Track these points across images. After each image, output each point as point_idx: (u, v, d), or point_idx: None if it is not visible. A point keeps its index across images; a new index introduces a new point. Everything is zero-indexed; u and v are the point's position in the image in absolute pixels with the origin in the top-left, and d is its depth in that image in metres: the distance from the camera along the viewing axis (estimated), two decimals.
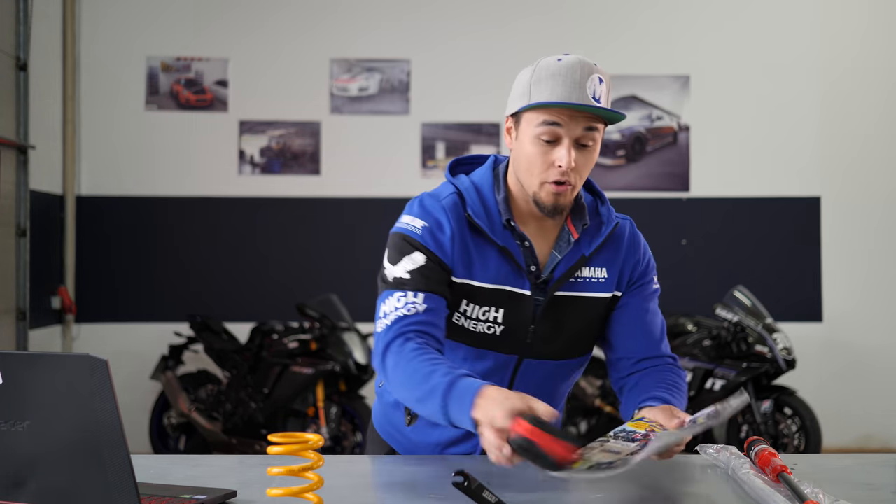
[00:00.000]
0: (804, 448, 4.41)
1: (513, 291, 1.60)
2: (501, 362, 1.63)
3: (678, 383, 1.64)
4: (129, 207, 5.62)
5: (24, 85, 5.03)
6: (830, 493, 1.32)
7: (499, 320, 1.60)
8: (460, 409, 1.38)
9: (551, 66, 1.55)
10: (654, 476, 1.52)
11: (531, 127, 1.55)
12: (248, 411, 4.80)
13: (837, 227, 5.69)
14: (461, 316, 1.61)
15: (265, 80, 5.65)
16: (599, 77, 1.57)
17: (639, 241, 1.74)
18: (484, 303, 1.59)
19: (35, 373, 1.13)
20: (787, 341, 4.57)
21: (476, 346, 1.62)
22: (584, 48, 5.71)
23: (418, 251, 1.57)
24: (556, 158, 1.54)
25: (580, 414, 5.29)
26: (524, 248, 1.62)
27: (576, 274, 1.63)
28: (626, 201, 5.69)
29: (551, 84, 1.53)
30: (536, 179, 1.57)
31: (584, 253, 1.63)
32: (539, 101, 1.53)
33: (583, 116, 1.54)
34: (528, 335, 1.62)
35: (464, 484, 1.18)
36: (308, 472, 1.21)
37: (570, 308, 1.63)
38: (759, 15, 5.74)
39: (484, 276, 1.59)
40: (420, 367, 1.46)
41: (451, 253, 1.58)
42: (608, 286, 1.67)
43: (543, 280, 1.62)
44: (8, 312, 4.92)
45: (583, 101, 1.52)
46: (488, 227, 1.60)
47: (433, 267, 1.56)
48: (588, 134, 1.55)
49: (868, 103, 5.72)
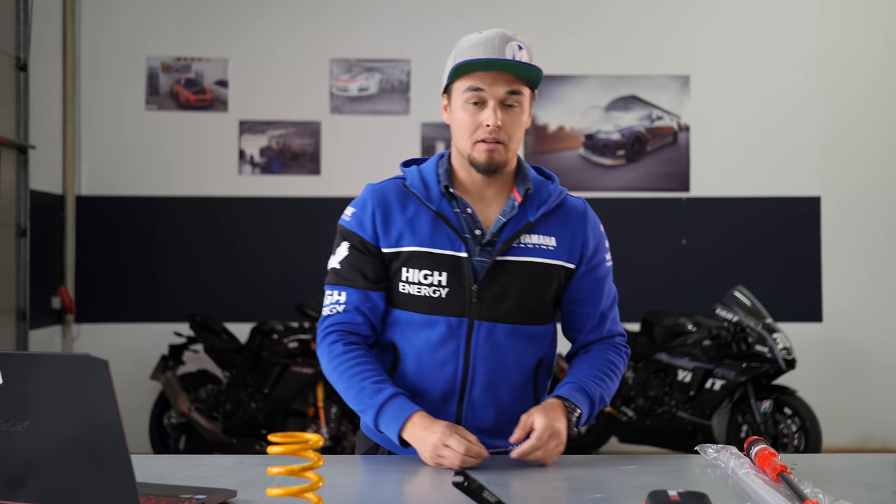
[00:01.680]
0: (804, 448, 4.41)
1: (448, 254, 1.69)
2: (454, 326, 1.69)
3: (611, 368, 1.76)
4: (129, 207, 5.62)
5: (24, 85, 5.03)
6: (830, 493, 1.32)
7: (443, 283, 1.69)
8: (390, 428, 1.61)
9: (472, 38, 1.70)
10: (654, 476, 1.52)
11: (459, 95, 1.70)
12: (248, 411, 4.80)
13: (837, 227, 5.69)
14: (405, 283, 1.71)
15: (265, 80, 5.64)
16: (518, 44, 1.68)
17: (592, 218, 1.83)
18: (422, 266, 1.69)
19: (35, 373, 1.13)
20: (786, 341, 4.57)
21: (426, 311, 1.70)
22: (584, 48, 5.72)
23: (345, 240, 1.75)
24: (483, 119, 1.67)
25: None
26: (466, 215, 1.72)
27: (522, 239, 1.72)
28: (626, 201, 5.69)
29: (472, 52, 1.67)
30: (469, 141, 1.70)
31: (530, 219, 1.73)
32: (460, 61, 1.66)
33: (504, 80, 1.66)
34: (473, 295, 1.69)
35: (464, 484, 1.18)
36: (308, 472, 1.21)
37: (517, 271, 1.70)
38: (758, 15, 5.74)
39: (414, 241, 1.70)
40: (346, 371, 1.68)
41: (371, 229, 1.72)
42: (558, 254, 1.74)
43: (488, 242, 1.71)
44: (8, 312, 4.92)
45: (502, 58, 1.64)
46: (424, 196, 1.72)
47: (356, 253, 1.73)
48: (511, 96, 1.67)
49: (868, 103, 5.72)
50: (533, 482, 1.53)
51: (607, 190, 5.69)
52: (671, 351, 4.87)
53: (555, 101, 5.69)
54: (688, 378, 4.71)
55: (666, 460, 1.70)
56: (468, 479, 1.18)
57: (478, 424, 1.71)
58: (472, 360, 1.70)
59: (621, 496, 1.40)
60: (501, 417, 1.72)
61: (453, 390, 1.71)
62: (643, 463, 1.63)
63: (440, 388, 1.71)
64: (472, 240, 1.71)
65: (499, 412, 1.72)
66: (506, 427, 1.68)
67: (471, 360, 1.70)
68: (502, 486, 1.46)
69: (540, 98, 5.71)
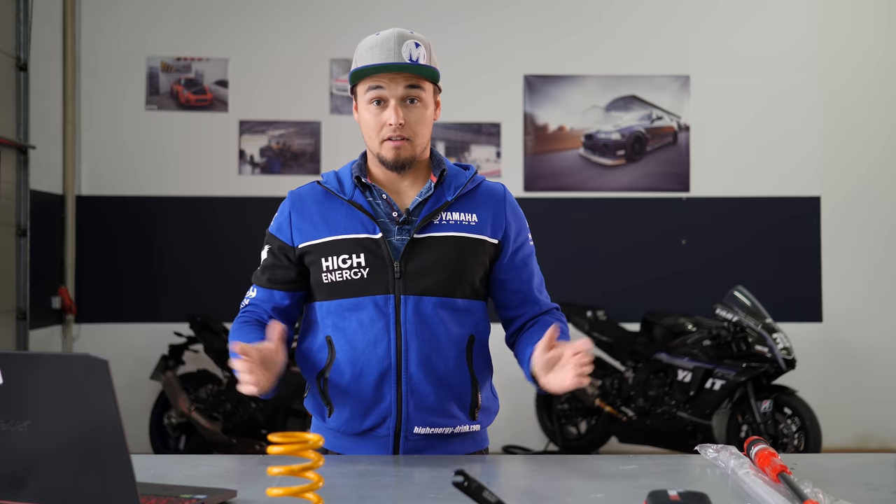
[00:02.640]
0: (804, 448, 4.40)
1: (362, 237, 1.75)
2: (380, 304, 1.74)
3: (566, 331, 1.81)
4: (129, 207, 5.62)
5: (24, 85, 5.03)
6: (830, 493, 1.32)
7: (362, 264, 1.75)
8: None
9: (370, 40, 1.76)
10: (654, 476, 1.52)
11: (362, 95, 1.77)
12: (248, 411, 4.80)
13: (837, 227, 5.69)
14: (327, 273, 1.77)
15: (265, 80, 5.65)
16: (416, 42, 1.74)
17: (511, 201, 1.87)
18: (339, 252, 1.76)
19: (35, 373, 1.13)
20: (786, 341, 4.57)
21: (351, 295, 1.75)
22: (584, 48, 5.72)
23: (267, 244, 1.88)
24: (386, 118, 1.74)
25: (580, 414, 5.30)
26: (381, 201, 1.79)
27: (442, 216, 1.77)
28: (626, 201, 5.69)
29: (369, 55, 1.74)
30: (376, 140, 1.76)
31: (448, 199, 1.78)
32: (357, 67, 1.74)
33: (402, 77, 1.72)
34: (396, 271, 1.74)
35: (464, 484, 1.18)
36: (308, 472, 1.21)
37: (439, 246, 1.76)
38: (758, 15, 5.74)
39: (328, 232, 1.78)
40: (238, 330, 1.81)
41: (288, 230, 1.83)
42: (480, 229, 1.79)
43: (405, 220, 1.77)
44: (8, 312, 4.92)
45: (397, 62, 1.71)
46: (337, 189, 1.80)
47: (271, 258, 1.86)
48: (411, 91, 1.73)
49: (868, 103, 5.72)
50: (533, 482, 1.54)
51: (607, 190, 5.69)
52: (671, 351, 4.87)
53: (555, 101, 5.69)
54: (688, 378, 4.71)
55: (666, 460, 1.70)
56: (468, 479, 1.18)
57: (419, 403, 1.74)
58: (403, 335, 1.73)
59: (621, 496, 1.40)
60: (441, 394, 1.75)
61: (389, 367, 1.74)
62: (643, 463, 1.63)
63: (377, 367, 1.74)
64: (390, 222, 1.77)
65: (438, 388, 1.75)
66: (448, 405, 1.74)
67: (402, 335, 1.73)
68: (502, 486, 1.46)
69: (540, 98, 5.73)
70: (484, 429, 1.85)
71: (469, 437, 1.81)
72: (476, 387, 1.78)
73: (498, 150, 5.66)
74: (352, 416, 1.76)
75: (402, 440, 1.75)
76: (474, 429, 1.80)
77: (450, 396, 1.75)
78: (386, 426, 1.75)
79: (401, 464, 1.64)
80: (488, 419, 1.84)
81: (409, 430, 1.74)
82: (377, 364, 1.74)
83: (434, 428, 1.74)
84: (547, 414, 5.35)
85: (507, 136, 5.68)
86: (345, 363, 1.76)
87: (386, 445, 1.76)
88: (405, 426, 1.74)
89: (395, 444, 1.75)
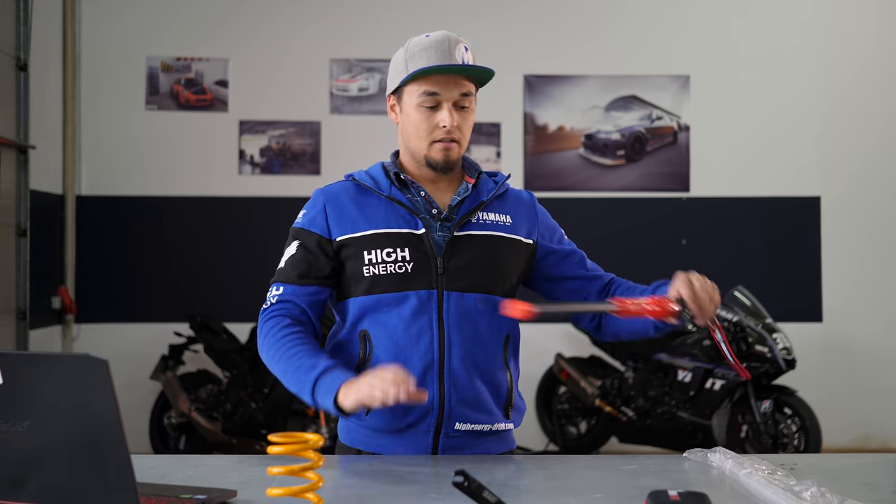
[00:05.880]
0: (804, 448, 4.41)
1: (405, 232, 1.76)
2: (424, 299, 1.74)
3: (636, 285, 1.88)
4: (129, 207, 5.62)
5: (24, 85, 5.03)
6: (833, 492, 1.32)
7: (406, 258, 1.74)
8: (326, 399, 1.60)
9: (422, 41, 1.77)
10: (654, 476, 1.52)
11: (413, 98, 1.77)
12: (248, 411, 4.80)
13: (837, 227, 5.69)
14: (369, 265, 1.75)
15: (265, 80, 5.64)
16: (465, 46, 1.78)
17: (540, 206, 1.94)
18: (383, 246, 1.75)
19: (35, 373, 1.13)
20: (786, 341, 4.57)
21: (394, 289, 1.74)
22: (584, 48, 5.72)
23: (296, 239, 1.81)
24: (440, 120, 1.76)
25: (580, 414, 5.30)
26: (419, 198, 1.80)
27: (479, 216, 1.81)
28: (626, 201, 5.69)
29: (426, 56, 1.75)
30: (425, 141, 1.78)
31: (483, 199, 1.83)
32: (419, 69, 1.73)
33: (457, 83, 1.76)
34: (439, 267, 1.75)
35: (464, 484, 1.18)
36: (308, 472, 1.21)
37: (478, 243, 1.78)
38: (758, 15, 5.74)
39: (370, 226, 1.76)
40: (280, 349, 1.70)
41: (323, 223, 1.79)
42: (515, 230, 1.84)
43: (446, 217, 1.79)
44: (8, 312, 4.92)
45: (462, 63, 1.74)
46: (374, 186, 1.81)
47: (303, 252, 1.79)
48: (464, 98, 1.77)
49: (868, 103, 5.72)
50: (533, 482, 1.54)
51: (607, 190, 5.69)
52: (671, 351, 4.87)
53: (555, 101, 5.69)
54: (688, 378, 4.71)
55: (666, 460, 1.70)
56: (468, 479, 1.18)
57: (461, 397, 1.73)
58: (446, 330, 1.73)
59: (621, 496, 1.40)
60: (482, 390, 1.75)
61: (432, 361, 1.72)
62: (643, 463, 1.63)
63: (419, 362, 1.72)
64: (430, 218, 1.78)
65: (479, 384, 1.74)
66: (487, 401, 1.74)
67: (445, 330, 1.73)
68: (502, 486, 1.46)
69: (540, 98, 5.73)
70: (513, 429, 1.85)
71: (502, 437, 1.81)
72: (511, 385, 1.79)
73: (498, 150, 5.66)
74: (393, 411, 1.71)
75: (443, 436, 1.73)
76: (508, 426, 1.81)
77: (489, 393, 1.75)
78: (427, 422, 1.72)
79: (401, 464, 1.64)
80: (519, 419, 1.84)
81: (450, 427, 1.72)
82: (420, 358, 1.72)
83: (474, 424, 1.73)
84: (547, 414, 5.35)
85: (507, 135, 5.68)
86: (385, 358, 1.73)
87: (426, 442, 1.73)
88: (446, 422, 1.72)
89: (435, 442, 1.73)
